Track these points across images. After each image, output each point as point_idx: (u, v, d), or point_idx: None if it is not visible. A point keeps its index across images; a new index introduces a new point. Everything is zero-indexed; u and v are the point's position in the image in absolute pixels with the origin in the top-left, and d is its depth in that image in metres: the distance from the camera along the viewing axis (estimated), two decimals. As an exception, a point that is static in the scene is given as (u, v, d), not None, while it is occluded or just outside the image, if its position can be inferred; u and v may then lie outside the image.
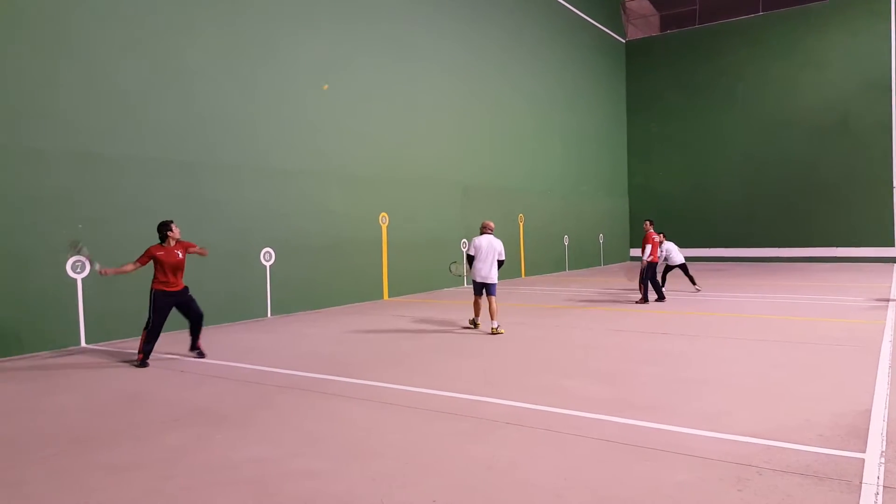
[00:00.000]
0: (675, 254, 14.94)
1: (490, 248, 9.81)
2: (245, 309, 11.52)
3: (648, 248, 13.07)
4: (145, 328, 7.81)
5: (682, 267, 14.93)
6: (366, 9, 14.45)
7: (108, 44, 9.63)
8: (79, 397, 6.25)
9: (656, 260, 13.36)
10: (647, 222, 13.77)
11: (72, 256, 8.83)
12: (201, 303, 10.64)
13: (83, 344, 9.19)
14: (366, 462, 4.23)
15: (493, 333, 9.48)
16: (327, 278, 13.14)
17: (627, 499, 3.58)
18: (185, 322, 8.23)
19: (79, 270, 9.15)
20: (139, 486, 3.92)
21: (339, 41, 13.72)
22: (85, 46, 9.35)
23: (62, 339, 9.01)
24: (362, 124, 14.26)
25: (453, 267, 11.96)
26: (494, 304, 9.74)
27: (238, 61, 11.55)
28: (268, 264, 11.94)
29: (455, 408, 5.49)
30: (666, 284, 14.84)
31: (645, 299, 13.00)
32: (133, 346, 9.07)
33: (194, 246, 8.12)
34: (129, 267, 7.82)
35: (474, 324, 10.10)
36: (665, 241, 14.78)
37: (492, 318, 9.64)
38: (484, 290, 9.89)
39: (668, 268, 15.13)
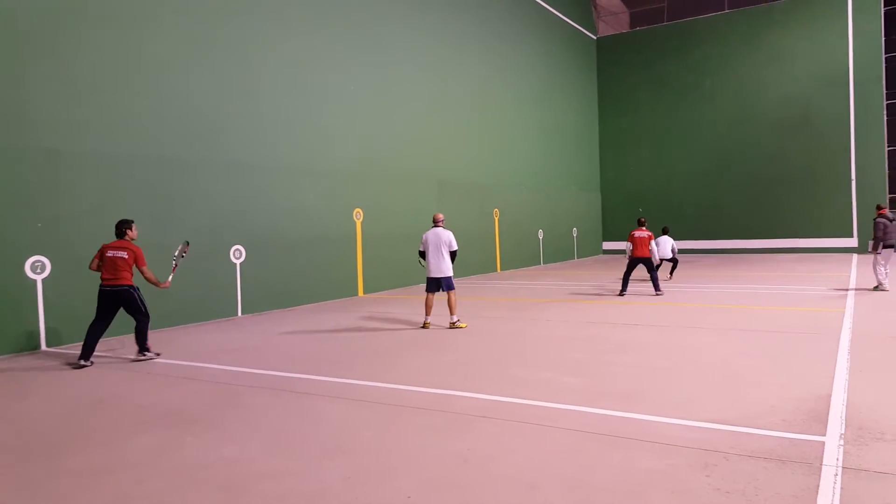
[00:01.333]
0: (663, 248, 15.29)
1: (437, 240, 9.49)
2: (214, 308, 11.36)
3: (653, 244, 13.41)
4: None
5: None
6: (340, 1, 14.34)
7: (73, 37, 9.39)
8: (42, 402, 6.09)
9: (638, 255, 13.36)
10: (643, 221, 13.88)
11: (179, 255, 8.77)
12: (168, 302, 10.56)
13: (44, 347, 8.95)
14: (339, 461, 4.23)
15: (451, 328, 9.43)
16: (300, 276, 13.04)
17: (600, 487, 3.64)
18: (164, 322, 8.05)
19: (38, 271, 8.90)
20: (109, 492, 3.85)
21: (312, 35, 13.60)
22: (49, 40, 9.10)
23: (21, 343, 8.74)
24: (335, 119, 14.16)
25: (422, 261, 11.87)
26: (453, 299, 9.49)
27: (207, 55, 11.36)
28: (238, 262, 11.81)
29: (429, 403, 5.51)
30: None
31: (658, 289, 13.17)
32: (98, 346, 8.89)
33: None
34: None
35: (425, 325, 9.64)
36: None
37: (451, 313, 9.51)
38: (438, 287, 9.56)
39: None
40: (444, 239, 9.49)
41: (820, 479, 3.61)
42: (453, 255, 9.57)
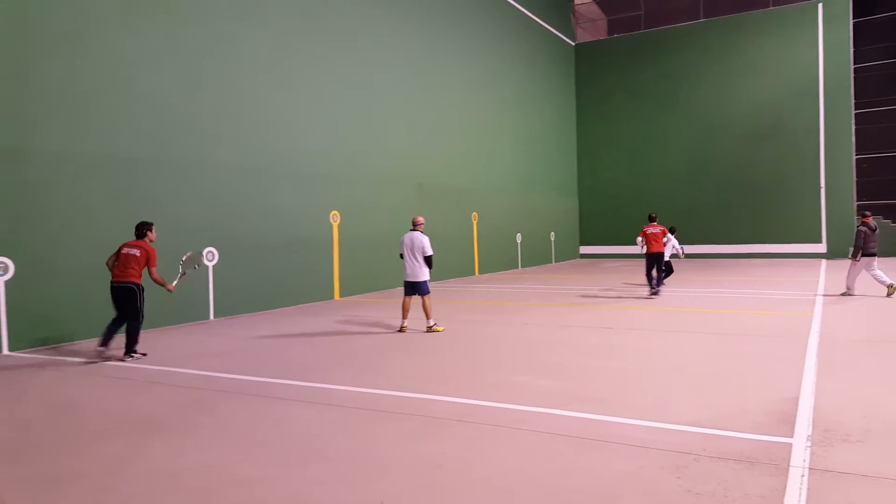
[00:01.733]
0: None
1: (411, 244, 9.45)
2: (186, 311, 11.20)
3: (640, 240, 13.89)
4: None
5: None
6: (317, 2, 14.28)
7: (40, 33, 9.20)
8: (4, 408, 5.94)
9: (650, 251, 13.55)
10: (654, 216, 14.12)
11: (188, 265, 8.97)
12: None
13: (5, 352, 8.71)
14: (312, 466, 4.19)
15: (428, 332, 9.42)
16: (274, 279, 12.91)
17: (573, 490, 3.66)
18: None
19: (1, 273, 8.67)
20: (76, 499, 3.77)
21: (288, 35, 13.51)
22: (14, 37, 8.91)
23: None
24: (313, 121, 14.08)
25: None
26: (427, 303, 9.45)
27: (182, 53, 11.21)
28: (211, 264, 11.67)
29: (404, 407, 5.49)
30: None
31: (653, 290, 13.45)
32: (64, 351, 8.73)
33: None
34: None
35: (401, 329, 9.63)
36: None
37: (426, 317, 9.49)
38: (410, 290, 9.56)
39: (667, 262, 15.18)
40: (417, 244, 9.44)
41: (787, 479, 3.68)
42: (428, 259, 9.51)
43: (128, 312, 8.05)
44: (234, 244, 12.06)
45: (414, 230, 9.62)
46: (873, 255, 12.47)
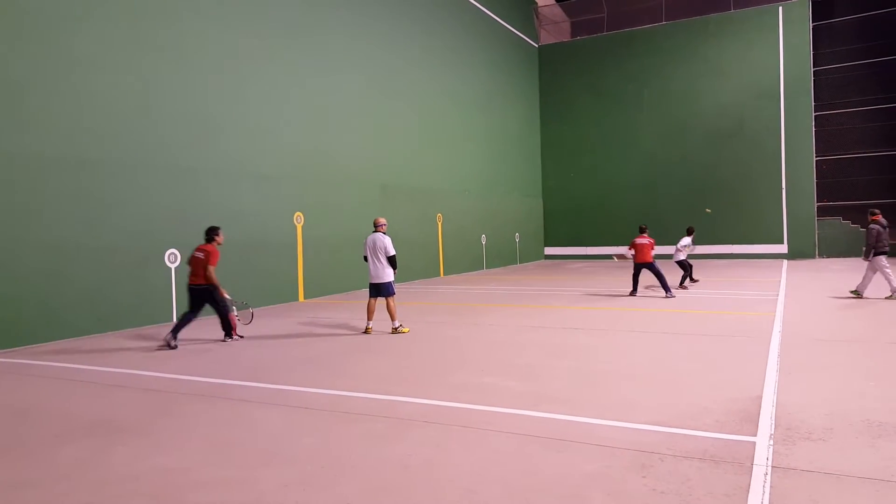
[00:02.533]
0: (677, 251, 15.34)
1: (374, 245, 9.37)
2: (148, 313, 10.94)
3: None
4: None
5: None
6: (277, 3, 14.09)
7: (-8, 30, 8.91)
8: (-41, 413, 5.73)
9: (635, 259, 13.96)
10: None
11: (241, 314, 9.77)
12: (98, 308, 10.12)
13: (-35, 355, 8.45)
14: (277, 468, 4.12)
15: (393, 333, 9.37)
16: (238, 280, 12.64)
17: (538, 490, 3.66)
18: (95, 328, 7.70)
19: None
20: (28, 505, 3.64)
21: (247, 35, 13.29)
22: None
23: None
24: (274, 122, 13.89)
25: None
26: (391, 304, 9.38)
27: (141, 53, 10.96)
28: (173, 266, 11.41)
29: (370, 409, 5.44)
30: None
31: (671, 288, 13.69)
32: (25, 353, 8.45)
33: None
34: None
35: (366, 330, 9.54)
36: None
37: (391, 319, 9.43)
38: (378, 292, 9.45)
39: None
40: (379, 245, 9.36)
41: (751, 478, 3.73)
42: (392, 260, 9.43)
43: (214, 305, 8.97)
44: (195, 246, 11.77)
45: (376, 231, 9.53)
46: (885, 253, 11.86)
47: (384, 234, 9.54)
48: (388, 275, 9.42)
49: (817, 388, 5.77)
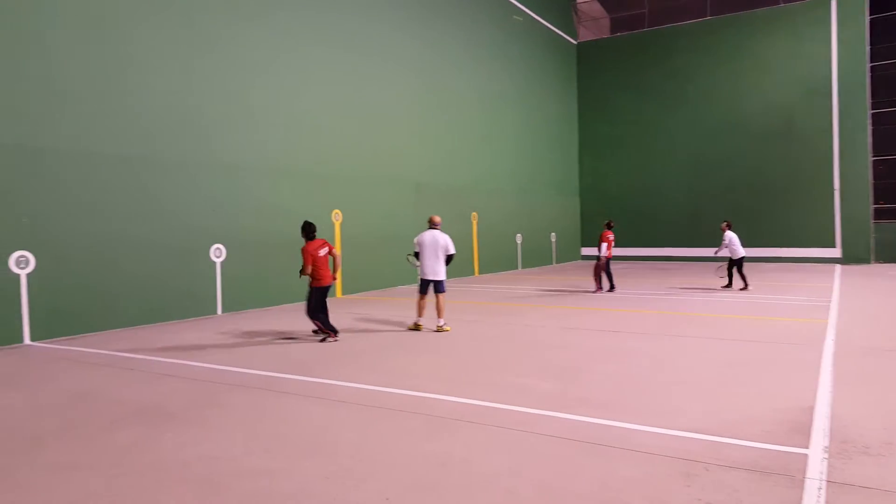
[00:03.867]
0: (737, 246, 14.98)
1: (434, 243, 9.49)
2: (194, 306, 11.22)
3: (604, 245, 14.72)
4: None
5: (739, 262, 14.96)
6: (319, 3, 14.22)
7: (51, 34, 9.26)
8: (21, 396, 6.00)
9: (610, 256, 14.68)
10: (607, 224, 15.08)
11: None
12: (148, 300, 10.41)
13: (27, 341, 8.83)
14: (318, 460, 4.17)
15: (437, 331, 9.39)
16: (280, 275, 12.83)
17: (577, 494, 3.60)
18: (145, 318, 7.91)
19: (22, 266, 8.77)
20: (85, 486, 3.79)
21: (290, 35, 13.47)
22: (26, 36, 8.96)
23: (5, 337, 8.64)
24: (315, 120, 14.05)
25: (411, 258, 11.30)
26: (441, 302, 9.50)
27: (185, 54, 11.22)
28: (218, 260, 11.65)
29: (408, 405, 5.46)
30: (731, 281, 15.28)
31: (600, 288, 14.66)
32: (81, 342, 8.77)
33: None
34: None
35: (416, 326, 9.62)
36: (728, 231, 15.09)
37: (438, 316, 9.49)
38: (430, 288, 9.58)
39: (732, 262, 15.12)
40: (441, 242, 9.51)
41: (803, 492, 3.58)
42: (450, 258, 9.59)
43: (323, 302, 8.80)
44: (241, 241, 12.07)
45: (433, 228, 9.63)
46: None
47: (442, 231, 9.68)
48: (444, 271, 9.57)
49: (875, 399, 5.52)
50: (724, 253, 15.29)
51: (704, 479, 3.79)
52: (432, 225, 9.67)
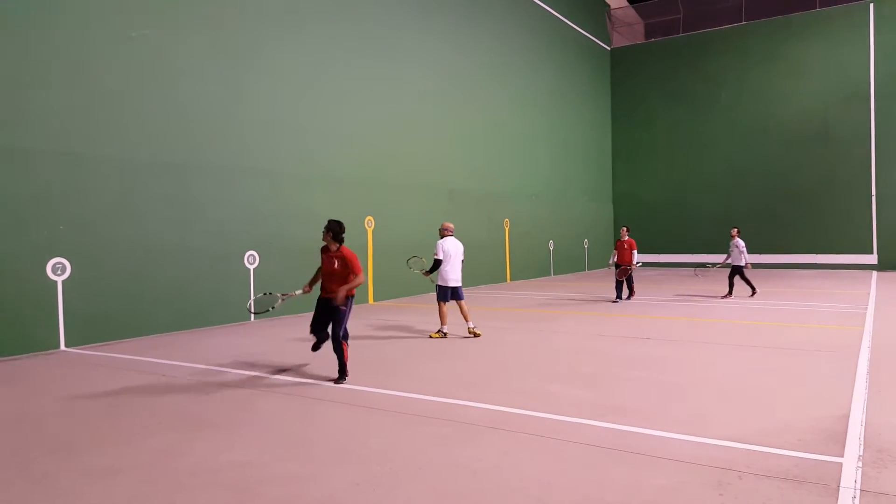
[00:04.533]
0: (743, 253, 14.82)
1: (457, 251, 9.67)
2: (228, 312, 11.42)
3: (615, 253, 14.51)
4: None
5: (740, 270, 14.70)
6: (353, 9, 14.45)
7: (94, 43, 9.52)
8: (58, 402, 6.15)
9: (624, 264, 14.24)
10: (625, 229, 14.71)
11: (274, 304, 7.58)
12: (182, 306, 10.61)
13: (63, 347, 9.05)
14: (348, 467, 4.21)
15: (471, 334, 9.47)
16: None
17: (608, 502, 3.59)
18: (179, 325, 8.06)
19: (59, 273, 9.02)
20: (122, 491, 3.88)
21: (327, 42, 13.69)
22: (70, 46, 9.23)
23: (41, 342, 8.86)
24: (348, 127, 14.22)
25: (412, 262, 10.84)
26: (465, 307, 9.69)
27: (225, 62, 11.48)
28: (251, 267, 11.86)
29: (438, 412, 5.48)
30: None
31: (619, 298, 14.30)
32: (115, 348, 8.98)
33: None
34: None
35: (444, 334, 9.58)
36: (738, 238, 15.10)
37: (466, 320, 9.59)
38: (452, 295, 9.62)
39: (734, 270, 14.95)
40: (461, 249, 9.77)
41: (837, 501, 3.53)
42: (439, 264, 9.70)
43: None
44: (274, 248, 12.23)
45: (452, 236, 9.73)
46: None
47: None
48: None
49: (911, 408, 5.40)
50: (741, 260, 14.81)
51: (737, 487, 3.74)
52: (450, 232, 9.76)
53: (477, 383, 6.60)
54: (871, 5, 23.80)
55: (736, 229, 15.48)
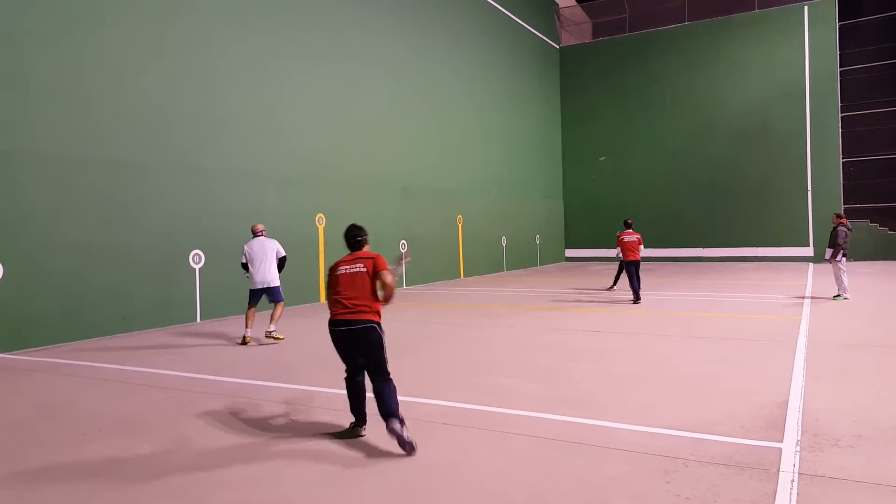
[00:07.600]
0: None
1: (263, 250, 9.06)
2: (172, 313, 11.10)
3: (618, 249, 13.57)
4: None
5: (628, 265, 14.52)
6: (300, 4, 14.23)
7: (25, 37, 9.09)
8: (-9, 410, 5.87)
9: (628, 258, 13.29)
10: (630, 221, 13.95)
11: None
12: (125, 307, 10.26)
13: (-3, 353, 8.65)
14: (301, 468, 4.16)
15: (268, 337, 9.06)
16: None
17: (561, 494, 3.65)
18: (120, 327, 7.78)
19: None
20: (62, 499, 3.73)
21: (272, 37, 13.45)
22: (3, 39, 8.82)
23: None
24: (296, 123, 14.01)
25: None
26: (279, 311, 9.15)
27: (163, 57, 11.14)
28: (197, 267, 11.56)
29: (392, 410, 5.44)
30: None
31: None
32: (51, 353, 8.61)
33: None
34: None
35: (244, 340, 9.01)
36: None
37: (271, 321, 9.12)
38: (263, 297, 9.13)
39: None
40: (269, 247, 9.13)
41: (777, 484, 3.68)
42: (283, 262, 9.26)
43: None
44: (221, 247, 11.93)
45: (259, 237, 9.20)
46: (846, 256, 12.75)
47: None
48: (278, 278, 9.24)
49: (845, 393, 5.68)
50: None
51: (683, 474, 3.86)
52: (256, 234, 9.23)
53: (429, 379, 6.60)
54: (805, 7, 24.82)
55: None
